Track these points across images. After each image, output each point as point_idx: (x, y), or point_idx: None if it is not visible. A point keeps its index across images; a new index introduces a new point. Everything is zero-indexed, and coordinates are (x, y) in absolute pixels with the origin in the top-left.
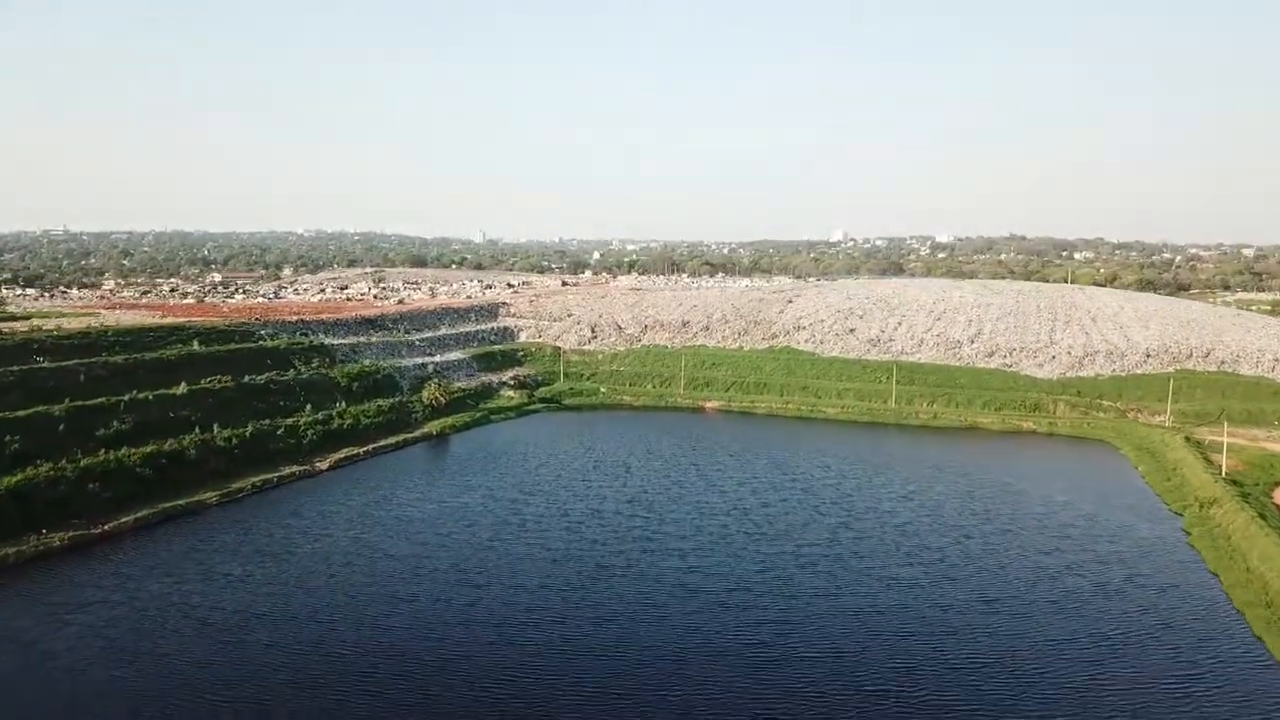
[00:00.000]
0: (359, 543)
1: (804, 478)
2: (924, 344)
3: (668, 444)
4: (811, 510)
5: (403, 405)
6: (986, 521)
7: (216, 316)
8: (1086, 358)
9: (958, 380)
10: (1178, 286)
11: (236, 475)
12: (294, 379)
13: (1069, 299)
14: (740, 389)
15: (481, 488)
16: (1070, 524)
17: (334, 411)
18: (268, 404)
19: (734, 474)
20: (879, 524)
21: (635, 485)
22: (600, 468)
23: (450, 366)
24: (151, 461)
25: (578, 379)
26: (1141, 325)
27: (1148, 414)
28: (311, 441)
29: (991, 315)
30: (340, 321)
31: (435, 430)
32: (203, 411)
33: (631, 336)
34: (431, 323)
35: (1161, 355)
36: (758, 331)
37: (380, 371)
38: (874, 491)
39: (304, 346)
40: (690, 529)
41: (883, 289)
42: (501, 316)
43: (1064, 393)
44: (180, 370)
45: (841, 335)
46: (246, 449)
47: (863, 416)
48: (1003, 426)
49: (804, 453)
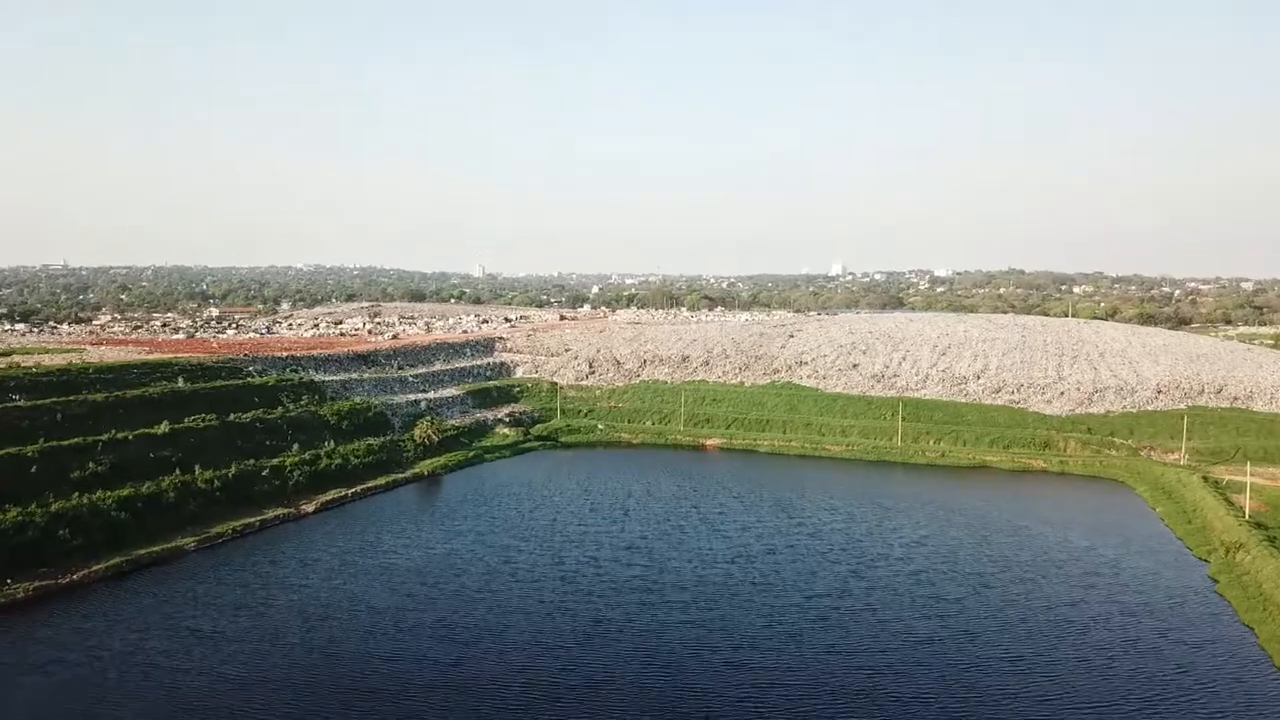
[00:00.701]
0: (339, 594)
1: (811, 521)
2: (929, 380)
3: (667, 484)
4: (820, 557)
5: (394, 444)
6: (1005, 569)
7: (205, 353)
8: (1096, 394)
9: (965, 417)
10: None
11: (217, 519)
12: (281, 417)
13: (1075, 334)
14: (741, 426)
15: (472, 533)
16: (1093, 571)
17: (322, 451)
18: (253, 443)
19: (737, 517)
20: (892, 572)
21: (634, 530)
22: (597, 511)
23: (444, 403)
24: (127, 505)
25: (575, 415)
26: (1151, 360)
27: (1161, 452)
28: (297, 482)
29: (997, 350)
30: (332, 357)
31: (426, 470)
32: (185, 451)
33: (630, 372)
34: (426, 358)
35: (1172, 391)
36: (759, 367)
37: (371, 409)
38: (885, 536)
39: (293, 383)
40: (692, 578)
41: (885, 323)
42: (498, 351)
43: (1074, 430)
44: (163, 408)
45: (845, 371)
46: (229, 491)
47: (868, 455)
48: (1013, 465)
49: (810, 494)
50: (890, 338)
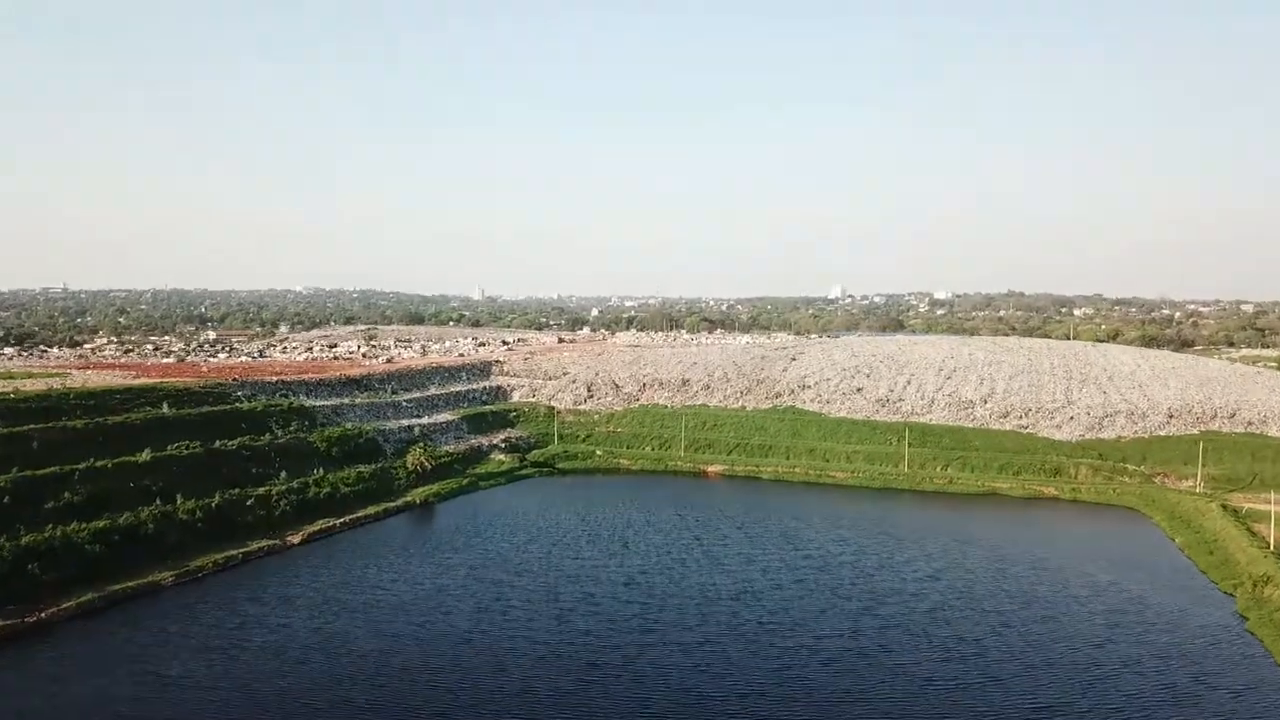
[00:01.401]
0: (320, 635)
1: (819, 554)
2: (935, 404)
3: (668, 514)
4: (830, 593)
5: (385, 471)
6: (1025, 606)
7: (193, 377)
8: (1106, 418)
9: (972, 442)
10: (1182, 343)
11: (198, 551)
12: (269, 444)
13: (1083, 357)
14: (744, 451)
15: (463, 566)
16: (1118, 609)
17: (311, 479)
18: (239, 471)
19: (741, 549)
20: (906, 609)
21: (633, 563)
22: (595, 542)
23: (438, 429)
24: (103, 537)
25: (573, 441)
26: (1161, 384)
27: (1174, 478)
28: (284, 512)
29: (1004, 374)
30: (324, 382)
31: (419, 498)
32: (166, 480)
33: (629, 396)
34: (420, 382)
35: (1184, 415)
36: (761, 390)
37: (363, 435)
38: (897, 570)
39: (283, 409)
40: (695, 617)
41: (889, 346)
42: (494, 375)
43: (1085, 455)
44: (146, 435)
45: (849, 395)
46: (212, 521)
47: (874, 481)
48: (1023, 492)
49: (816, 523)
50: (894, 361)
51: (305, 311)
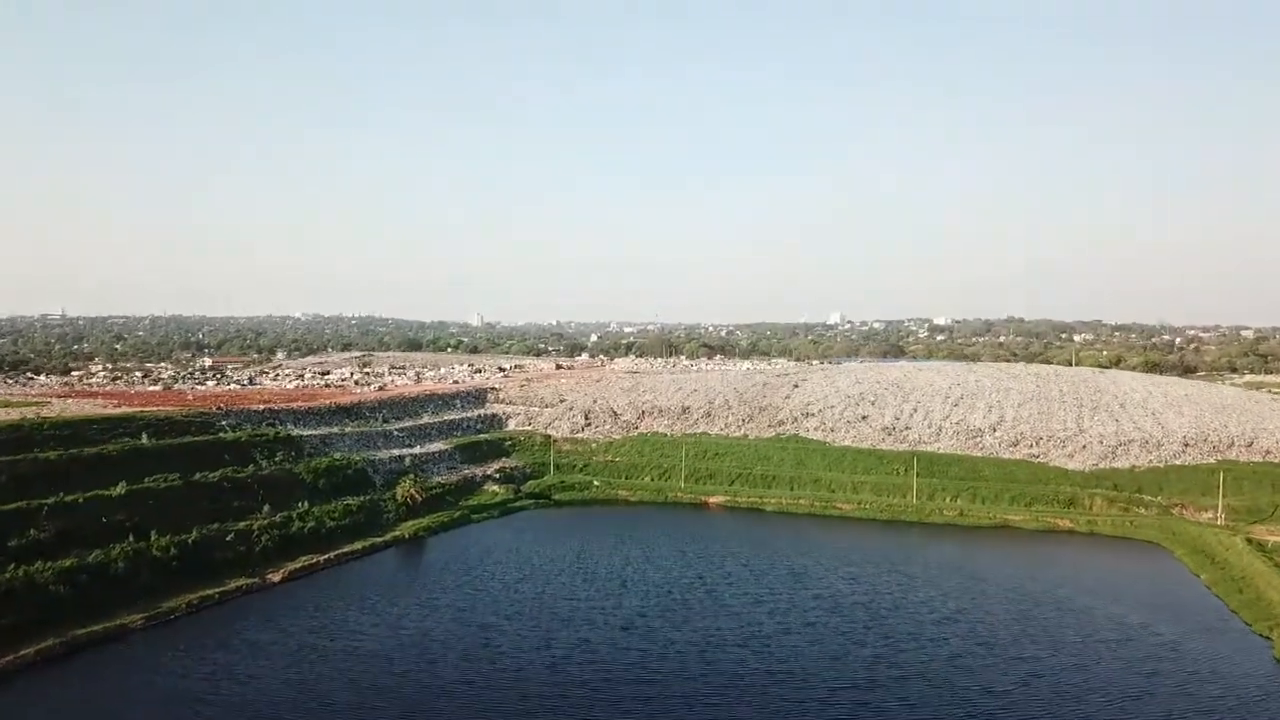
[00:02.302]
0: (292, 687)
1: (829, 593)
2: (942, 432)
3: (668, 549)
4: (843, 638)
5: (374, 504)
6: (1053, 652)
7: (177, 405)
8: (1120, 447)
9: (981, 472)
10: (1185, 369)
11: (172, 591)
12: (252, 475)
13: (1092, 383)
14: (746, 482)
15: (450, 608)
16: (1153, 655)
17: (295, 513)
18: (219, 505)
19: (747, 588)
20: (926, 657)
21: (632, 605)
22: (591, 581)
23: (430, 459)
24: (69, 577)
25: (569, 470)
26: (1175, 412)
27: (1193, 510)
28: (265, 548)
29: (1012, 401)
30: (313, 410)
31: (408, 533)
32: (141, 515)
33: (628, 423)
34: (413, 410)
35: (1200, 444)
36: (763, 418)
37: (351, 465)
38: (913, 611)
39: (268, 438)
40: (698, 666)
41: (894, 372)
42: (489, 403)
43: (1099, 486)
44: (122, 467)
45: (854, 423)
46: (188, 559)
47: (882, 513)
48: (1037, 525)
49: (825, 559)
50: (900, 388)
51: (304, 338)
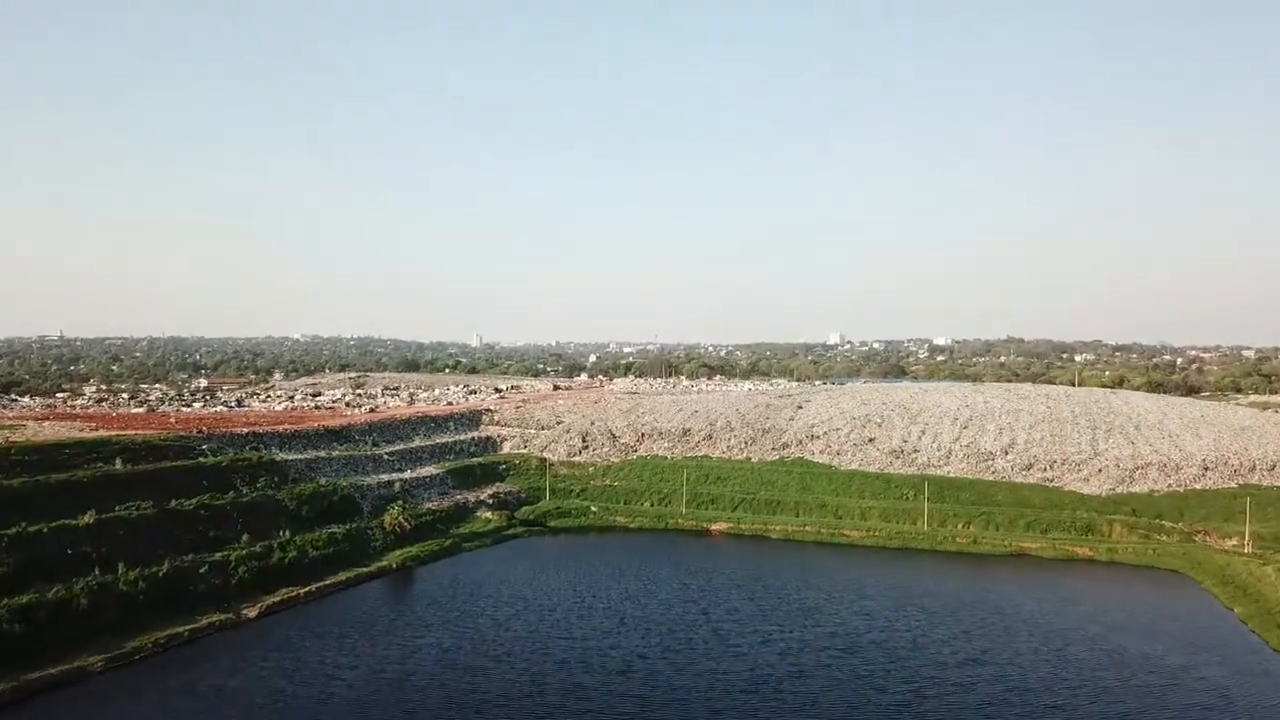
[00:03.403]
0: None
1: (843, 630)
2: (952, 455)
3: (669, 580)
4: (861, 683)
5: (360, 532)
6: (1092, 698)
7: (158, 428)
8: (1137, 471)
9: (994, 497)
10: (1189, 389)
11: (138, 629)
12: (232, 502)
13: (1105, 404)
14: (750, 508)
15: (435, 648)
16: (1200, 704)
17: (275, 542)
18: (195, 534)
19: (754, 625)
20: (952, 704)
21: (630, 644)
22: (587, 617)
23: (421, 484)
24: (27, 615)
25: (566, 496)
26: (1192, 434)
27: (1216, 536)
28: (243, 580)
29: (1024, 423)
30: (299, 433)
31: (395, 562)
32: (110, 546)
33: (627, 446)
34: (404, 433)
35: (1221, 468)
36: (767, 441)
37: (338, 491)
38: (934, 651)
39: (251, 463)
40: (703, 714)
41: (900, 394)
42: (484, 425)
43: (1117, 511)
44: (92, 495)
45: (860, 445)
46: (157, 593)
47: (891, 541)
48: (1054, 553)
49: (836, 592)
50: (906, 409)
51: (301, 359)
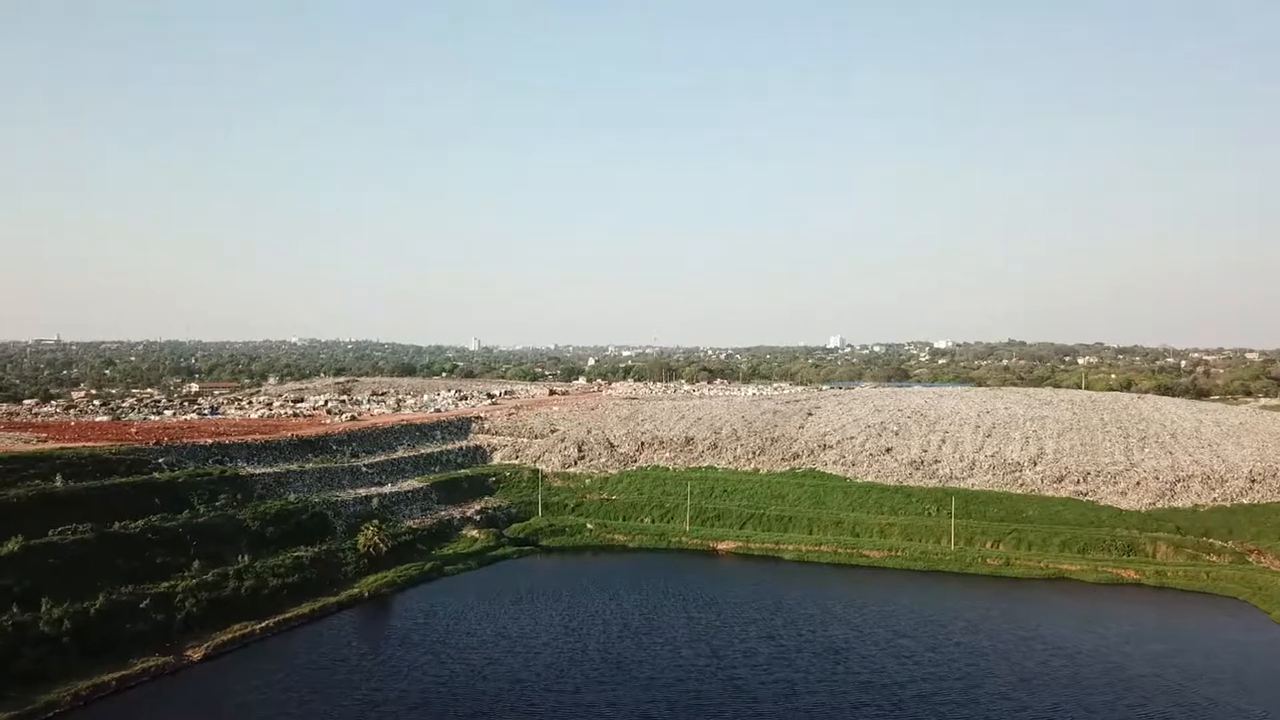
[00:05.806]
0: None
1: (880, 681)
2: (976, 466)
3: (674, 612)
4: None
5: (330, 555)
6: None
7: (115, 440)
8: (1179, 483)
9: (1024, 513)
10: (1198, 392)
11: (58, 677)
12: (185, 523)
13: (1135, 411)
14: (760, 524)
15: (401, 704)
16: None
17: (231, 569)
18: (139, 562)
19: (775, 672)
20: None
21: (632, 697)
22: (580, 663)
23: (402, 499)
24: None
25: (559, 511)
26: (1233, 443)
27: (1271, 556)
28: (189, 615)
29: (1050, 431)
30: (271, 444)
31: (368, 590)
32: (36, 578)
33: (626, 456)
34: (387, 443)
35: (1269, 480)
36: (776, 450)
37: (308, 509)
38: (993, 706)
39: (211, 478)
40: None
41: (913, 399)
42: (474, 433)
43: (1160, 529)
44: (23, 517)
45: (876, 455)
46: (86, 634)
47: (915, 562)
48: (1096, 576)
49: (865, 627)
50: (923, 416)
51: (297, 364)
